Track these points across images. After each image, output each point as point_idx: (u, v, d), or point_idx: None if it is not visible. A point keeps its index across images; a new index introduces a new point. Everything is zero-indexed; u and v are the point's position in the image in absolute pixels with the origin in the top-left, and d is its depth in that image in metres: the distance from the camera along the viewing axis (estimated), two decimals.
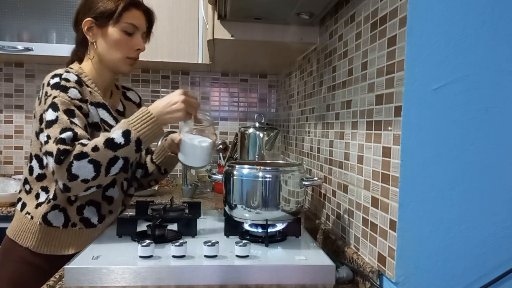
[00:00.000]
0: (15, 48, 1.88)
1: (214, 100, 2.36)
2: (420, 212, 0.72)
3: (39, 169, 1.09)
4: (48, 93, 1.01)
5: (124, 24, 1.12)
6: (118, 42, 1.12)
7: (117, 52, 1.13)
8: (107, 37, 1.11)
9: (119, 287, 0.77)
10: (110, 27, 1.11)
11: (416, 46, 0.71)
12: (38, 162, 1.09)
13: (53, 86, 1.01)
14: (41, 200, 1.08)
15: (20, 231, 1.09)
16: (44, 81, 1.05)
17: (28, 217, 1.09)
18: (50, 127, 0.96)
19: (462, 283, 0.74)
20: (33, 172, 1.09)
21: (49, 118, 0.97)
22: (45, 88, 1.02)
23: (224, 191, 0.99)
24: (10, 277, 1.08)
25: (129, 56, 1.15)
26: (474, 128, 0.72)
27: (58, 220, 1.07)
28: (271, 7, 1.15)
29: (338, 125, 1.09)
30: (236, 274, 0.79)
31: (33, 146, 1.10)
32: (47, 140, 0.95)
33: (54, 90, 1.00)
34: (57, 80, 1.02)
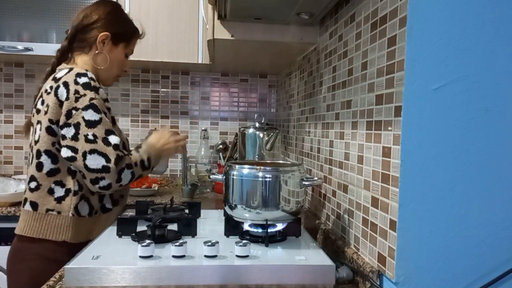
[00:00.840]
0: (15, 48, 1.88)
1: (214, 100, 2.36)
2: (420, 212, 0.72)
3: (52, 164, 1.12)
4: (80, 92, 1.08)
5: (129, 49, 1.32)
6: (120, 62, 1.29)
7: (116, 69, 1.29)
8: (114, 54, 1.26)
9: (119, 287, 0.77)
10: (119, 47, 1.27)
11: (416, 46, 0.71)
12: (50, 158, 1.11)
13: (84, 85, 1.09)
14: (59, 194, 1.12)
15: (47, 229, 1.12)
16: (65, 79, 1.10)
17: (54, 214, 1.12)
18: (93, 127, 1.07)
19: (462, 283, 0.74)
20: (43, 168, 1.12)
21: (91, 118, 1.08)
22: (74, 86, 1.09)
23: (224, 191, 0.99)
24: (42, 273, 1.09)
25: (120, 74, 1.34)
26: (474, 128, 0.72)
27: (85, 210, 1.15)
28: (271, 7, 1.15)
29: (338, 125, 1.09)
30: (236, 274, 0.79)
31: (43, 142, 1.11)
32: (94, 140, 1.07)
33: (88, 90, 1.09)
34: (86, 80, 1.10)
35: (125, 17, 1.31)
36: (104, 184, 1.08)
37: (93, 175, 1.07)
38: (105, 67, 1.24)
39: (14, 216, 1.63)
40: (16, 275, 1.14)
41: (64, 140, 1.08)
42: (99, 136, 1.07)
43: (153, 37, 1.93)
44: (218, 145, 2.24)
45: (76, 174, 1.13)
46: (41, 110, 1.13)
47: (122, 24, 1.28)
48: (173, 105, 2.33)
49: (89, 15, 1.23)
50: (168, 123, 2.32)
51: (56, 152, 1.11)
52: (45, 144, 1.11)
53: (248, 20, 1.29)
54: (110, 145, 1.08)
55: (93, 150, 1.06)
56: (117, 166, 1.07)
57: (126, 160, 1.10)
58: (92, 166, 1.06)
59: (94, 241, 0.94)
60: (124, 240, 0.95)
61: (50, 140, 1.11)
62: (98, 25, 1.22)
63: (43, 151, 1.11)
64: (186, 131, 2.33)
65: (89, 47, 1.23)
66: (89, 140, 1.07)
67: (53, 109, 1.10)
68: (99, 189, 1.09)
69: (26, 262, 1.13)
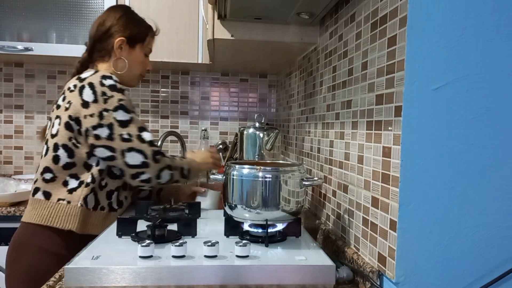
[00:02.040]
0: (15, 48, 1.88)
1: (214, 100, 2.36)
2: (420, 212, 0.72)
3: (68, 158, 1.16)
4: (107, 93, 1.14)
5: (147, 48, 1.37)
6: (141, 62, 1.35)
7: (138, 69, 1.35)
8: (133, 56, 1.32)
9: (119, 287, 0.77)
10: (137, 48, 1.32)
11: (416, 46, 0.71)
12: (66, 152, 1.16)
13: (110, 87, 1.15)
14: (73, 186, 1.17)
15: (56, 216, 1.15)
16: (90, 80, 1.15)
17: (64, 203, 1.15)
18: (126, 127, 1.14)
19: (462, 283, 0.74)
20: (59, 161, 1.16)
21: (123, 119, 1.15)
22: (100, 88, 1.14)
23: (224, 191, 0.99)
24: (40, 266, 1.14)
25: (142, 74, 1.38)
26: (474, 128, 0.72)
27: (91, 203, 1.18)
28: (271, 7, 1.15)
29: (338, 125, 1.09)
30: (236, 274, 0.79)
31: (61, 137, 1.16)
32: (130, 138, 1.14)
33: (115, 92, 1.15)
34: (112, 82, 1.16)
35: (137, 18, 1.35)
36: (145, 178, 1.16)
37: (134, 170, 1.15)
38: (128, 69, 1.30)
39: (14, 216, 1.63)
40: (14, 267, 1.16)
41: (99, 140, 1.14)
42: (133, 135, 1.14)
43: None
44: (218, 145, 2.24)
45: (91, 168, 1.17)
46: (62, 106, 1.18)
47: (135, 26, 1.32)
48: (173, 105, 2.33)
49: (103, 23, 1.29)
50: (168, 123, 2.32)
51: (73, 147, 1.16)
52: (63, 139, 1.16)
53: (248, 20, 1.29)
54: (145, 142, 1.15)
55: (131, 148, 1.14)
56: (155, 162, 1.16)
57: (167, 161, 1.18)
58: (132, 162, 1.14)
59: (94, 241, 0.94)
60: (124, 240, 0.95)
61: (67, 135, 1.15)
62: (112, 31, 1.28)
63: (60, 145, 1.16)
64: (186, 131, 2.33)
65: (108, 54, 1.29)
66: (125, 139, 1.14)
67: (75, 107, 1.15)
68: (140, 183, 1.17)
69: (25, 255, 1.15)
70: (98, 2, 1.89)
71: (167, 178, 1.19)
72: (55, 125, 1.18)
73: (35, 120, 2.25)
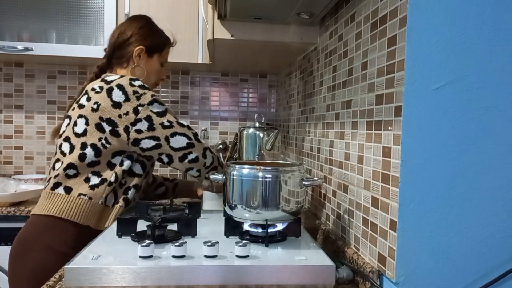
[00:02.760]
0: (15, 48, 1.88)
1: (214, 100, 2.36)
2: (420, 212, 0.72)
3: (94, 157, 1.20)
4: (139, 91, 1.20)
5: (164, 58, 1.43)
6: (156, 71, 1.41)
7: (154, 78, 1.41)
8: (150, 65, 1.38)
9: (119, 287, 0.77)
10: (154, 58, 1.39)
11: (416, 46, 0.71)
12: (94, 151, 1.20)
13: (140, 86, 1.22)
14: (94, 182, 1.20)
15: (76, 211, 1.17)
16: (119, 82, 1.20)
17: (85, 198, 1.19)
18: (164, 116, 1.22)
19: (462, 283, 0.74)
20: (86, 159, 1.20)
21: (159, 110, 1.22)
22: (131, 88, 1.20)
23: (223, 191, 0.99)
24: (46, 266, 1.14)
25: (157, 82, 1.45)
26: (474, 128, 0.72)
27: (110, 200, 1.23)
28: (271, 7, 1.15)
29: (338, 125, 1.09)
30: (236, 274, 0.79)
31: (90, 136, 1.20)
32: (171, 125, 1.22)
33: (146, 90, 1.22)
34: (141, 83, 1.23)
35: (156, 29, 1.42)
36: (193, 157, 1.25)
37: (181, 152, 1.23)
38: (144, 77, 1.35)
39: (14, 216, 1.63)
40: (19, 264, 1.15)
41: (141, 133, 1.19)
42: (173, 121, 1.23)
43: None
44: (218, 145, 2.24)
45: (115, 167, 1.22)
46: (87, 106, 1.21)
47: (154, 36, 1.39)
48: (173, 105, 2.33)
49: (124, 32, 1.35)
50: None
51: (101, 147, 1.20)
52: (92, 138, 1.20)
53: (248, 20, 1.29)
54: (184, 126, 1.25)
55: (174, 133, 1.22)
56: (198, 142, 1.26)
57: (206, 144, 1.30)
58: (178, 145, 1.23)
59: (94, 241, 0.94)
60: (124, 240, 0.95)
61: (98, 135, 1.19)
62: (132, 40, 1.34)
63: (89, 144, 1.20)
64: None
65: (126, 62, 1.34)
66: (166, 126, 1.21)
67: (105, 108, 1.19)
68: (189, 164, 1.26)
69: (32, 252, 1.15)
70: (98, 2, 1.89)
71: (210, 159, 1.29)
72: (80, 124, 1.21)
73: (35, 120, 2.25)
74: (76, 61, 2.11)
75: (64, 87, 2.24)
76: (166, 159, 1.25)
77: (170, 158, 1.24)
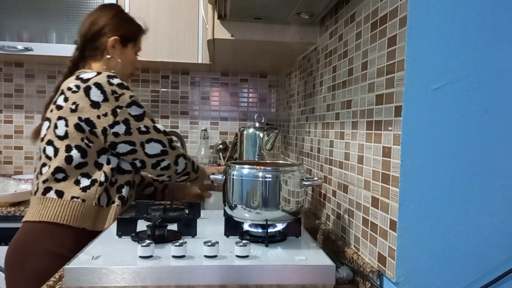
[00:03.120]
0: (15, 48, 1.88)
1: (214, 100, 2.36)
2: (420, 212, 0.72)
3: (81, 158, 1.18)
4: (117, 91, 1.17)
5: (138, 47, 1.40)
6: (131, 61, 1.37)
7: (129, 68, 1.37)
8: (125, 55, 1.34)
9: (119, 287, 0.77)
10: (129, 47, 1.35)
11: (416, 46, 0.71)
12: (80, 152, 1.17)
13: (119, 85, 1.18)
14: (85, 184, 1.18)
15: (70, 215, 1.15)
16: (96, 80, 1.16)
17: (78, 201, 1.16)
18: (142, 120, 1.20)
19: (462, 283, 0.74)
20: (72, 162, 1.17)
21: (137, 113, 1.19)
22: (109, 87, 1.16)
23: (223, 191, 0.99)
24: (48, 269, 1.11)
25: (133, 72, 1.42)
26: (474, 128, 0.72)
27: (103, 200, 1.21)
28: (271, 7, 1.15)
29: (338, 125, 1.09)
30: (236, 274, 0.79)
31: (72, 138, 1.17)
32: (147, 130, 1.20)
33: (125, 89, 1.19)
34: (119, 81, 1.19)
35: (129, 18, 1.37)
36: (165, 165, 1.24)
37: (154, 159, 1.22)
38: (119, 68, 1.31)
39: (14, 216, 1.63)
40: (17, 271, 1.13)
41: (118, 137, 1.17)
42: (150, 126, 1.21)
43: (153, 37, 1.93)
44: (218, 145, 2.24)
45: (102, 166, 1.20)
46: (65, 107, 1.18)
47: (128, 25, 1.34)
48: (173, 105, 2.33)
49: (96, 22, 1.29)
50: (168, 123, 2.32)
51: (86, 147, 1.18)
52: (75, 140, 1.17)
53: (248, 20, 1.29)
54: (160, 131, 1.23)
55: (150, 139, 1.20)
56: (172, 149, 1.25)
57: (181, 150, 1.28)
58: (152, 152, 1.21)
59: (94, 241, 0.94)
60: (124, 240, 0.95)
61: (79, 136, 1.17)
62: (106, 30, 1.29)
63: (73, 146, 1.17)
64: (186, 131, 2.33)
65: (101, 54, 1.29)
66: (143, 131, 1.19)
67: (83, 108, 1.16)
68: (161, 171, 1.25)
69: (30, 258, 1.13)
70: (98, 2, 1.89)
71: (182, 166, 1.28)
72: (60, 126, 1.18)
73: (35, 120, 2.24)
74: None
75: None
76: (139, 164, 1.23)
77: (143, 164, 1.22)
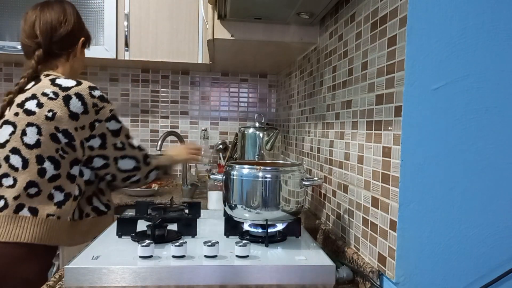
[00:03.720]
0: (15, 48, 1.88)
1: (214, 100, 2.36)
2: (420, 212, 0.72)
3: (54, 170, 1.10)
4: (98, 105, 1.14)
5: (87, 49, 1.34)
6: (83, 62, 1.33)
7: (80, 69, 1.33)
8: (82, 56, 1.30)
9: (119, 287, 0.77)
10: (85, 49, 1.32)
11: (416, 46, 0.71)
12: (53, 164, 1.10)
13: (100, 98, 1.15)
14: (59, 199, 1.11)
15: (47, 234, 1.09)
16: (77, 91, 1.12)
17: (53, 218, 1.10)
18: (118, 136, 1.17)
19: (462, 283, 0.74)
20: (46, 174, 1.09)
21: (114, 128, 1.17)
22: (91, 100, 1.13)
23: (224, 191, 0.99)
24: None
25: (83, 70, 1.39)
26: (474, 128, 0.72)
27: (76, 214, 1.17)
28: (271, 7, 1.15)
29: (338, 125, 1.09)
30: (236, 274, 0.79)
31: (46, 148, 1.09)
32: (123, 147, 1.18)
33: (105, 102, 1.16)
34: (100, 93, 1.16)
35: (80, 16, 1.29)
36: (135, 180, 1.23)
37: (125, 174, 1.21)
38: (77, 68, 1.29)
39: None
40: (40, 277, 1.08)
41: (93, 150, 1.15)
42: (125, 142, 1.19)
43: (153, 37, 1.93)
44: (218, 145, 2.24)
45: (75, 179, 1.14)
46: (38, 113, 1.09)
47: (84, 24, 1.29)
48: (173, 105, 2.33)
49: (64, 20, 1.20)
50: (168, 123, 2.32)
51: (59, 159, 1.11)
52: (48, 150, 1.09)
53: (248, 20, 1.29)
54: (135, 148, 1.21)
55: (124, 156, 1.18)
56: (146, 165, 1.23)
57: (155, 163, 1.26)
58: (125, 168, 1.19)
59: (94, 241, 0.94)
60: (124, 240, 0.95)
61: (54, 146, 1.09)
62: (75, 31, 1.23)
63: (46, 157, 1.09)
64: (186, 131, 2.33)
65: (67, 54, 1.23)
66: (118, 147, 1.17)
67: (61, 118, 1.09)
68: (130, 184, 1.24)
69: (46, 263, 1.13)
70: (98, 2, 1.89)
71: (153, 177, 1.28)
72: (30, 133, 1.08)
73: None
74: None
75: None
76: (110, 178, 1.20)
77: (114, 178, 1.20)
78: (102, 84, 2.25)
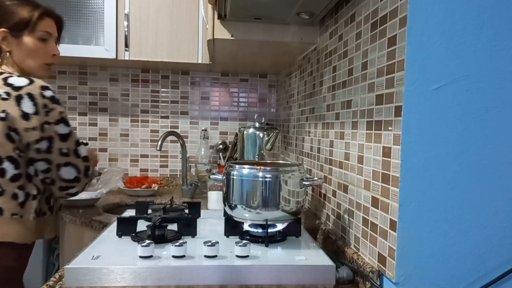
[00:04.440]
0: None
1: (214, 100, 2.36)
2: (420, 212, 0.72)
3: (15, 170, 1.10)
4: (48, 106, 1.10)
5: (39, 32, 1.19)
6: (35, 50, 1.19)
7: (35, 59, 1.20)
8: (23, 46, 1.17)
9: (119, 287, 0.77)
10: (25, 36, 1.17)
11: (416, 46, 0.71)
12: (13, 164, 1.10)
13: (51, 99, 1.11)
14: (22, 199, 1.12)
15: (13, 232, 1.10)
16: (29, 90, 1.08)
17: (17, 217, 1.11)
18: (66, 141, 1.13)
19: (462, 283, 0.74)
20: (6, 174, 1.10)
21: (63, 132, 1.13)
22: (41, 100, 1.09)
23: (224, 191, 0.99)
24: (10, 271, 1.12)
25: (46, 62, 1.23)
26: (474, 128, 0.72)
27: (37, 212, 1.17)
28: (271, 7, 1.15)
29: (338, 125, 1.09)
30: (236, 274, 0.79)
31: (3, 148, 1.09)
32: (68, 153, 1.14)
33: (56, 104, 1.12)
34: (52, 94, 1.11)
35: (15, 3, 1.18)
36: (72, 192, 1.20)
37: (64, 183, 1.16)
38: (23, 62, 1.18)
39: None
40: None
41: (39, 153, 1.11)
42: (71, 149, 1.15)
43: (153, 37, 1.93)
44: (218, 145, 2.24)
45: (33, 178, 1.14)
46: None
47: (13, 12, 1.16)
48: (173, 105, 2.33)
49: None
50: (168, 123, 2.32)
51: (18, 158, 1.10)
52: (6, 151, 1.09)
53: (248, 20, 1.29)
54: (80, 157, 1.17)
55: (67, 163, 1.15)
56: (86, 177, 1.20)
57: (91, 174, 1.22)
58: (65, 176, 1.15)
59: (94, 241, 0.94)
60: (124, 240, 0.95)
61: (11, 146, 1.09)
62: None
63: (5, 157, 1.09)
64: (186, 131, 2.33)
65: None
66: (63, 153, 1.14)
67: (13, 118, 1.07)
68: (66, 195, 1.20)
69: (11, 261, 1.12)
70: (98, 2, 1.89)
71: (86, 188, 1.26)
72: None
73: None
74: (76, 61, 2.11)
75: (64, 87, 2.24)
76: (49, 181, 1.16)
77: (53, 182, 1.16)
78: (102, 84, 2.25)
